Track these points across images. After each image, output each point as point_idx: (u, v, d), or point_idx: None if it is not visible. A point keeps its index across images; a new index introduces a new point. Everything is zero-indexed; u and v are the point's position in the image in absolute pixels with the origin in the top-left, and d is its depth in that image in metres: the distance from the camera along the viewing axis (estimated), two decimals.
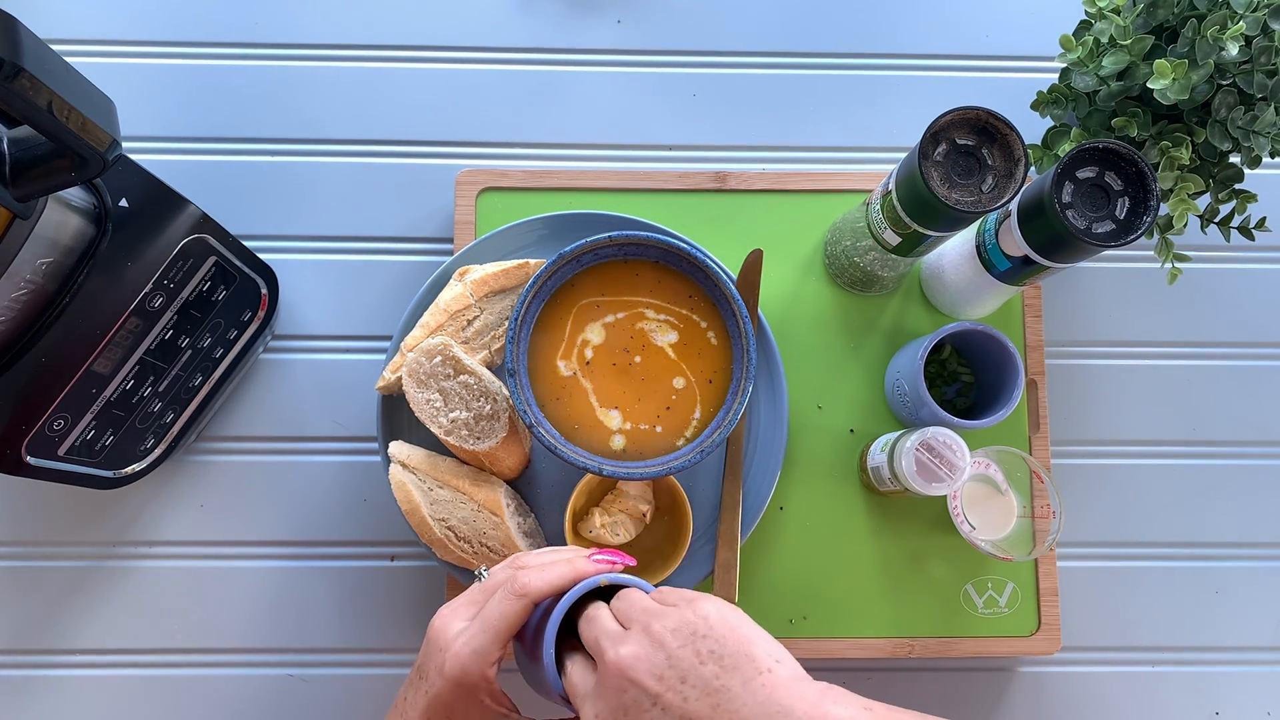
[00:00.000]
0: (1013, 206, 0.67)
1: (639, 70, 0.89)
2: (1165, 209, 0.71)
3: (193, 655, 0.80)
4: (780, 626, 0.78)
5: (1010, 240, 0.68)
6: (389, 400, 0.77)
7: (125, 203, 0.67)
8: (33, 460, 0.67)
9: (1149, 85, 0.67)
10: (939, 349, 0.81)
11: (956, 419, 0.72)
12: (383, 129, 0.87)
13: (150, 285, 0.68)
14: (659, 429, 0.71)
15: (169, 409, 0.75)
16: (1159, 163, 0.70)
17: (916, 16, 0.90)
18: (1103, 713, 0.82)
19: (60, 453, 0.69)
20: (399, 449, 0.74)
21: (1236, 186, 0.72)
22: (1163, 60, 0.66)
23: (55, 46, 0.53)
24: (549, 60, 0.88)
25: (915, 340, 0.77)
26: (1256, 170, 0.72)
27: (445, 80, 0.88)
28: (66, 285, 0.65)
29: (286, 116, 0.86)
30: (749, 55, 0.89)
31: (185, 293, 0.71)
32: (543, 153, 0.87)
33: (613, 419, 0.71)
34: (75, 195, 0.65)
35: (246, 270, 0.76)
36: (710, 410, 0.71)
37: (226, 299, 0.75)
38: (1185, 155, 0.69)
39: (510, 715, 0.54)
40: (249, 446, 0.82)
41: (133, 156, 0.69)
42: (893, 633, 0.78)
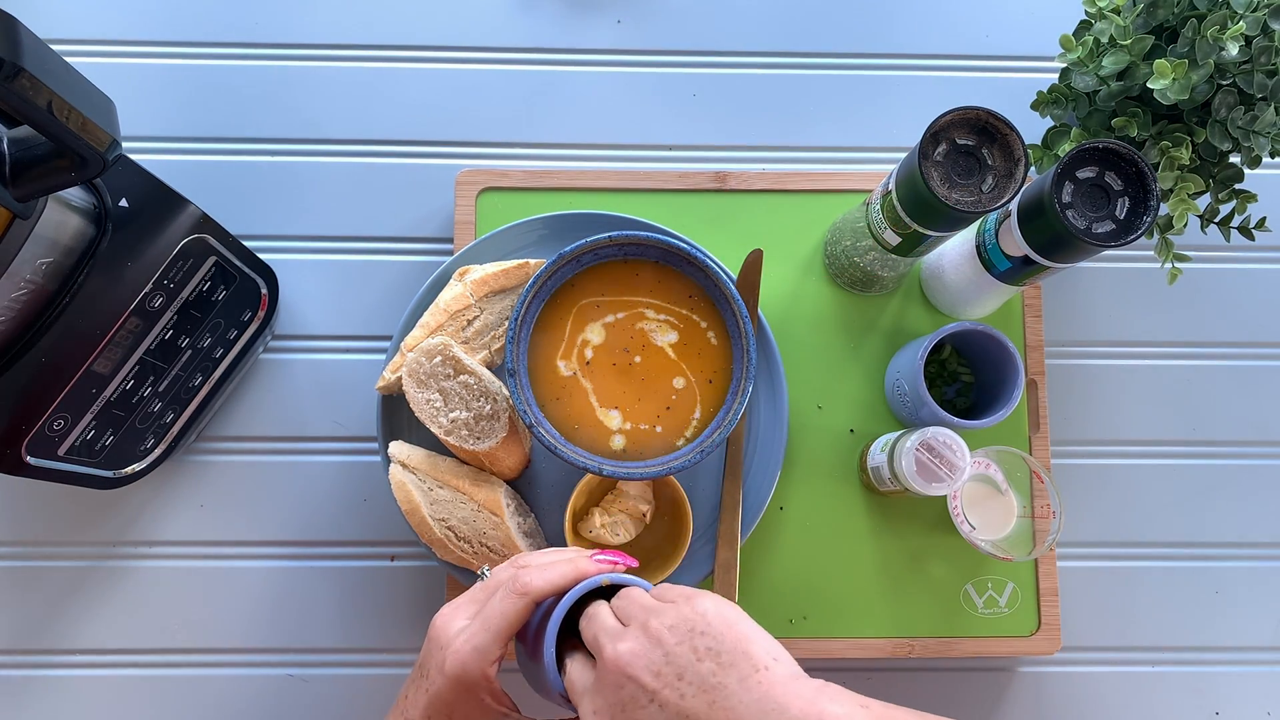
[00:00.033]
0: (1013, 206, 0.67)
1: (639, 70, 0.89)
2: (1165, 209, 0.71)
3: (193, 655, 0.80)
4: (780, 626, 0.78)
5: (1010, 240, 0.68)
6: (389, 400, 0.77)
7: (125, 203, 0.67)
8: (33, 460, 0.67)
9: (1149, 85, 0.67)
10: (939, 349, 0.81)
11: (956, 419, 0.72)
12: (383, 129, 0.87)
13: (150, 285, 0.68)
14: (659, 429, 0.71)
15: (169, 409, 0.75)
16: (1159, 163, 0.70)
17: (916, 16, 0.90)
18: (1103, 713, 0.82)
19: (60, 453, 0.69)
20: (399, 449, 0.74)
21: (1236, 186, 0.72)
22: (1163, 60, 0.66)
23: (55, 46, 0.53)
24: (549, 60, 0.88)
25: (915, 340, 0.77)
26: (1256, 170, 0.72)
27: (445, 80, 0.88)
28: (66, 285, 0.65)
29: (286, 116, 0.86)
30: (749, 55, 0.89)
31: (185, 293, 0.71)
32: (543, 153, 0.87)
33: (613, 419, 0.71)
34: (75, 195, 0.65)
35: (246, 270, 0.76)
36: (710, 410, 0.71)
37: (226, 299, 0.75)
38: (1185, 155, 0.69)
39: (510, 714, 0.54)
40: (249, 446, 0.82)
41: (133, 156, 0.69)
42: (893, 633, 0.78)
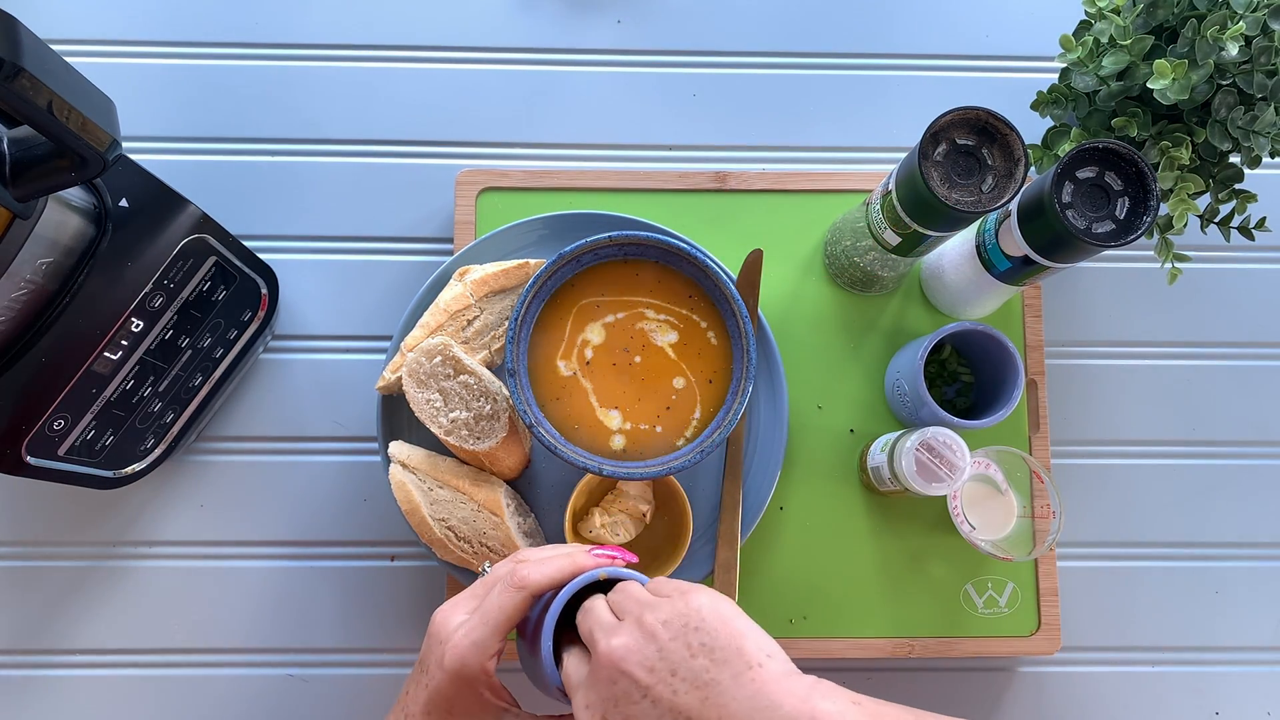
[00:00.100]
0: (1013, 206, 0.67)
1: (639, 70, 0.89)
2: (1165, 209, 0.71)
3: (193, 655, 0.80)
4: (780, 626, 0.78)
5: (1010, 240, 0.68)
6: (389, 400, 0.77)
7: (125, 203, 0.67)
8: (33, 460, 0.67)
9: (1149, 85, 0.67)
10: (939, 349, 0.81)
11: (956, 419, 0.72)
12: (383, 129, 0.87)
13: (150, 285, 0.68)
14: (659, 429, 0.71)
15: (169, 409, 0.75)
16: (1159, 163, 0.70)
17: (916, 16, 0.90)
18: (1103, 713, 0.82)
19: (60, 453, 0.69)
20: (399, 449, 0.74)
21: (1236, 186, 0.72)
22: (1163, 60, 0.66)
23: (55, 46, 0.53)
24: (549, 60, 0.88)
25: (915, 340, 0.77)
26: (1256, 170, 0.72)
27: (445, 80, 0.88)
28: (66, 285, 0.65)
29: (286, 116, 0.86)
30: (749, 55, 0.89)
31: (185, 293, 0.71)
32: (543, 153, 0.87)
33: (613, 419, 0.71)
34: (75, 195, 0.65)
35: (246, 270, 0.76)
36: (710, 410, 0.71)
37: (226, 299, 0.75)
38: (1185, 155, 0.69)
39: (510, 709, 0.54)
40: (249, 446, 0.82)
41: (133, 156, 0.69)
42: (893, 633, 0.78)
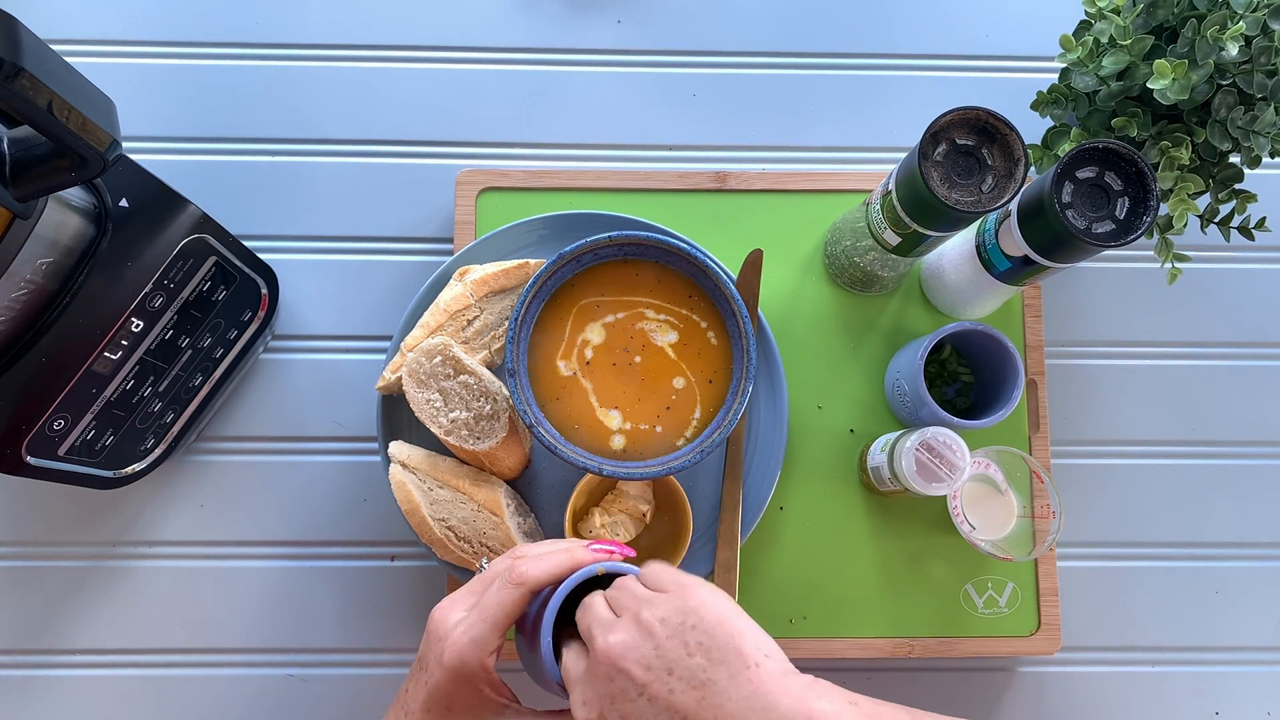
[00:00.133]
0: (1013, 206, 0.67)
1: (639, 70, 0.89)
2: (1165, 209, 0.71)
3: (193, 655, 0.80)
4: (780, 626, 0.78)
5: (1010, 240, 0.68)
6: (389, 400, 0.77)
7: (125, 203, 0.67)
8: (33, 460, 0.67)
9: (1149, 85, 0.67)
10: (939, 349, 0.81)
11: (956, 419, 0.72)
12: (383, 129, 0.87)
13: (150, 285, 0.68)
14: (659, 429, 0.71)
15: (169, 409, 0.75)
16: (1159, 163, 0.70)
17: (916, 16, 0.90)
18: (1103, 713, 0.82)
19: (60, 453, 0.69)
20: (399, 449, 0.74)
21: (1236, 186, 0.72)
22: (1163, 60, 0.66)
23: (55, 46, 0.53)
24: (549, 60, 0.88)
25: (915, 340, 0.77)
26: (1256, 170, 0.72)
27: (445, 80, 0.88)
28: (66, 285, 0.65)
29: (286, 116, 0.86)
30: (749, 55, 0.89)
31: (185, 293, 0.71)
32: (543, 153, 0.87)
33: (613, 419, 0.71)
34: (75, 195, 0.65)
35: (246, 270, 0.76)
36: (710, 410, 0.71)
37: (226, 299, 0.75)
38: (1185, 155, 0.69)
39: (510, 705, 0.54)
40: (249, 446, 0.82)
41: (133, 156, 0.69)
42: (893, 633, 0.78)
